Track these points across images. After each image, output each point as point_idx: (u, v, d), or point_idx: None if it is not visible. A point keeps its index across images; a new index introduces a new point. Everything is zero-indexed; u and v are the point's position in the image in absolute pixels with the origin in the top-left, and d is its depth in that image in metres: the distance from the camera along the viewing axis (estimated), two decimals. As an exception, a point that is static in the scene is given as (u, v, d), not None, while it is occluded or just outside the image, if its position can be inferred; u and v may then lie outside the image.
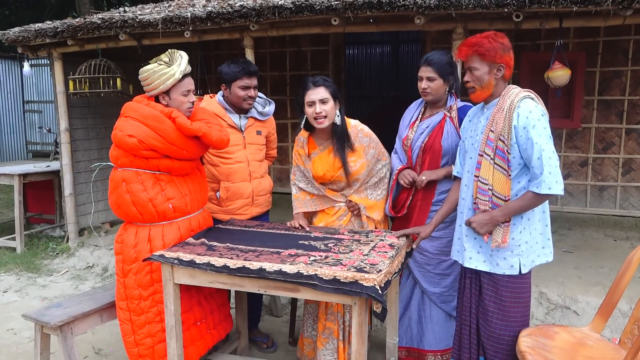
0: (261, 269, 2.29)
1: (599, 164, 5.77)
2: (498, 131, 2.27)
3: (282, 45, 6.91)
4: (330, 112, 2.75)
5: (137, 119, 2.57)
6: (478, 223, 2.31)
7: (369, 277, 2.14)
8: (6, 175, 5.84)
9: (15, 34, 5.17)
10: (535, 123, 2.19)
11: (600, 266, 4.34)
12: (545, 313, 3.76)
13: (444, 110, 2.86)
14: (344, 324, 2.94)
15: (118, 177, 2.64)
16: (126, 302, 2.71)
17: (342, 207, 2.98)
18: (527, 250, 2.32)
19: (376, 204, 2.95)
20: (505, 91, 2.32)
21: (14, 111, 11.96)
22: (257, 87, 3.16)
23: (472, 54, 2.32)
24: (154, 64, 2.59)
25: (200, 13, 4.23)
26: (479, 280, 2.43)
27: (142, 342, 2.68)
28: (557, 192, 2.17)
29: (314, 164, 2.94)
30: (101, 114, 6.07)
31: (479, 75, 2.33)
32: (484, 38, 2.30)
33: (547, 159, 2.16)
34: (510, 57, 2.30)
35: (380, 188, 2.98)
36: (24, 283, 4.90)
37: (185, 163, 2.71)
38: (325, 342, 2.97)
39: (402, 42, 11.37)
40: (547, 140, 2.19)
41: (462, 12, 3.59)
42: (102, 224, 6.13)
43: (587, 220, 5.69)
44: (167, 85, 2.59)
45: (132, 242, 2.67)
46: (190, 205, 2.77)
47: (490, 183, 2.30)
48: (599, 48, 5.58)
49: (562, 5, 3.35)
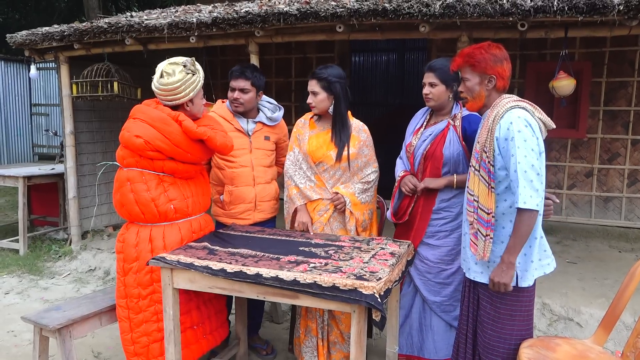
0: (258, 275, 2.28)
1: (604, 174, 5.73)
2: (482, 142, 2.25)
3: (288, 51, 6.93)
4: (319, 104, 2.95)
5: (145, 120, 2.65)
6: (495, 276, 2.20)
7: (368, 285, 2.13)
8: (11, 177, 5.87)
9: (23, 37, 5.21)
10: (514, 135, 2.12)
11: (604, 278, 4.30)
12: (548, 324, 3.72)
13: (448, 118, 2.86)
14: (322, 323, 2.98)
15: (123, 176, 2.71)
16: (125, 300, 2.76)
17: (324, 202, 3.00)
18: (524, 263, 2.26)
19: (360, 205, 2.98)
20: (497, 102, 2.28)
21: (21, 114, 12.05)
22: (244, 90, 3.14)
23: (464, 64, 2.31)
24: (182, 75, 2.63)
25: (206, 19, 4.25)
26: (477, 290, 2.40)
27: (138, 340, 2.73)
28: (531, 207, 2.08)
29: (309, 140, 3.03)
30: (106, 118, 6.10)
31: (470, 86, 2.32)
32: (477, 49, 2.28)
33: (522, 173, 2.09)
34: (503, 69, 2.26)
35: (366, 193, 3.01)
36: (26, 285, 4.91)
37: (189, 166, 2.78)
38: (305, 340, 3.05)
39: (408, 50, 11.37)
40: (525, 152, 2.11)
41: (467, 20, 3.59)
42: (105, 227, 6.14)
43: (591, 231, 5.65)
44: (196, 92, 2.70)
45: (133, 241, 2.72)
46: (191, 208, 2.82)
47: (475, 194, 2.29)
48: (605, 58, 5.57)
49: (567, 15, 3.34)
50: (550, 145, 5.77)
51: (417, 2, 3.62)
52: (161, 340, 2.71)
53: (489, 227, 2.24)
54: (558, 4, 3.32)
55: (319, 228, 3.01)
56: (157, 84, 2.64)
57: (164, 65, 2.67)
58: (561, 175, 5.82)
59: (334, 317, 2.96)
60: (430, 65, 2.83)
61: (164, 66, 2.66)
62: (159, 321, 2.70)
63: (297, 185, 3.03)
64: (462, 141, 2.75)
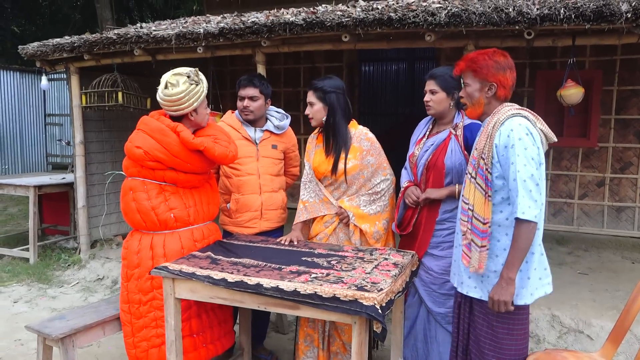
0: (258, 285, 2.27)
1: (617, 184, 5.64)
2: (480, 149, 2.21)
3: (296, 61, 6.96)
4: (315, 114, 2.94)
5: (146, 131, 2.73)
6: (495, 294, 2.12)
7: (369, 295, 2.10)
8: (22, 187, 5.94)
9: (34, 48, 5.29)
10: (515, 142, 2.08)
11: (616, 289, 4.21)
12: (558, 337, 3.65)
13: (450, 127, 2.83)
14: (324, 333, 2.93)
15: (127, 185, 2.79)
16: (128, 305, 2.82)
17: (330, 215, 2.97)
18: (521, 279, 2.17)
19: (368, 217, 2.91)
20: (497, 109, 2.24)
21: (35, 124, 12.20)
22: (254, 98, 3.18)
23: (466, 69, 2.28)
24: (186, 85, 2.65)
25: (213, 29, 4.28)
26: (471, 305, 2.32)
27: (139, 344, 2.78)
28: (530, 217, 2.03)
29: (315, 155, 3.02)
30: (116, 128, 6.15)
31: (470, 92, 2.28)
32: (481, 54, 2.25)
33: (521, 182, 2.05)
34: (505, 77, 2.21)
35: (376, 203, 2.94)
36: (35, 294, 4.94)
37: (191, 176, 2.81)
38: (305, 350, 2.98)
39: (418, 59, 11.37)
40: (525, 161, 2.07)
41: (473, 29, 3.57)
42: (114, 237, 6.16)
43: (603, 242, 5.55)
44: (200, 102, 2.73)
45: (135, 248, 2.79)
46: (193, 217, 2.84)
47: (470, 203, 2.23)
48: (616, 66, 5.50)
49: (574, 23, 3.30)
50: (561, 155, 5.71)
51: (422, 12, 3.61)
52: (159, 346, 2.74)
53: (485, 237, 2.18)
54: (565, 12, 3.29)
55: (323, 239, 2.99)
56: (162, 94, 2.68)
57: (168, 76, 2.69)
58: (572, 184, 5.74)
59: (336, 327, 2.92)
60: (431, 73, 2.83)
61: (168, 77, 2.69)
62: (157, 327, 2.75)
63: (303, 199, 3.05)
64: (464, 150, 2.71)
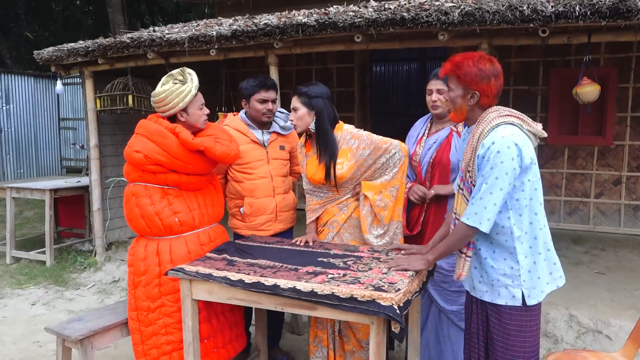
0: (275, 286, 2.27)
1: (633, 182, 5.57)
2: (466, 161, 2.17)
3: (309, 62, 6.97)
4: (298, 120, 2.85)
5: (144, 135, 2.70)
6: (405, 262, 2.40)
7: (387, 296, 2.09)
8: (38, 190, 6.01)
9: (49, 53, 5.36)
10: (491, 155, 2.02)
11: (635, 289, 4.16)
12: (576, 337, 3.61)
13: (450, 125, 2.84)
14: (334, 334, 2.91)
15: (129, 191, 2.76)
16: (136, 313, 2.78)
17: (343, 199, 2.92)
18: (531, 279, 2.13)
19: (374, 186, 2.83)
20: (481, 118, 2.14)
21: (49, 128, 12.34)
22: (275, 100, 3.19)
23: (451, 73, 2.18)
24: (169, 85, 2.66)
25: (225, 31, 4.30)
26: (485, 307, 2.27)
27: (149, 352, 2.75)
28: (473, 224, 2.06)
29: (307, 166, 2.96)
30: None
31: (452, 97, 2.20)
32: (466, 59, 2.13)
33: (477, 190, 2.06)
34: (489, 86, 2.10)
35: (383, 176, 2.85)
36: (52, 296, 4.99)
37: (193, 178, 2.78)
38: (314, 350, 2.97)
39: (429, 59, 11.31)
40: (494, 173, 2.01)
41: (487, 28, 3.54)
42: (129, 239, 6.21)
43: (621, 241, 5.48)
44: (186, 102, 2.69)
45: (141, 254, 2.75)
46: (198, 220, 2.81)
47: (458, 213, 2.22)
48: (631, 63, 5.44)
49: (590, 20, 3.27)
50: (577, 153, 5.65)
51: (435, 11, 3.59)
52: (170, 353, 2.72)
53: (469, 247, 2.20)
54: (580, 9, 3.26)
55: (336, 227, 2.95)
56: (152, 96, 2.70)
57: (163, 78, 2.72)
58: (588, 183, 5.68)
59: (349, 326, 2.90)
60: (436, 72, 2.83)
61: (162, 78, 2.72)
62: (167, 334, 2.72)
63: (312, 202, 3.03)
64: None
